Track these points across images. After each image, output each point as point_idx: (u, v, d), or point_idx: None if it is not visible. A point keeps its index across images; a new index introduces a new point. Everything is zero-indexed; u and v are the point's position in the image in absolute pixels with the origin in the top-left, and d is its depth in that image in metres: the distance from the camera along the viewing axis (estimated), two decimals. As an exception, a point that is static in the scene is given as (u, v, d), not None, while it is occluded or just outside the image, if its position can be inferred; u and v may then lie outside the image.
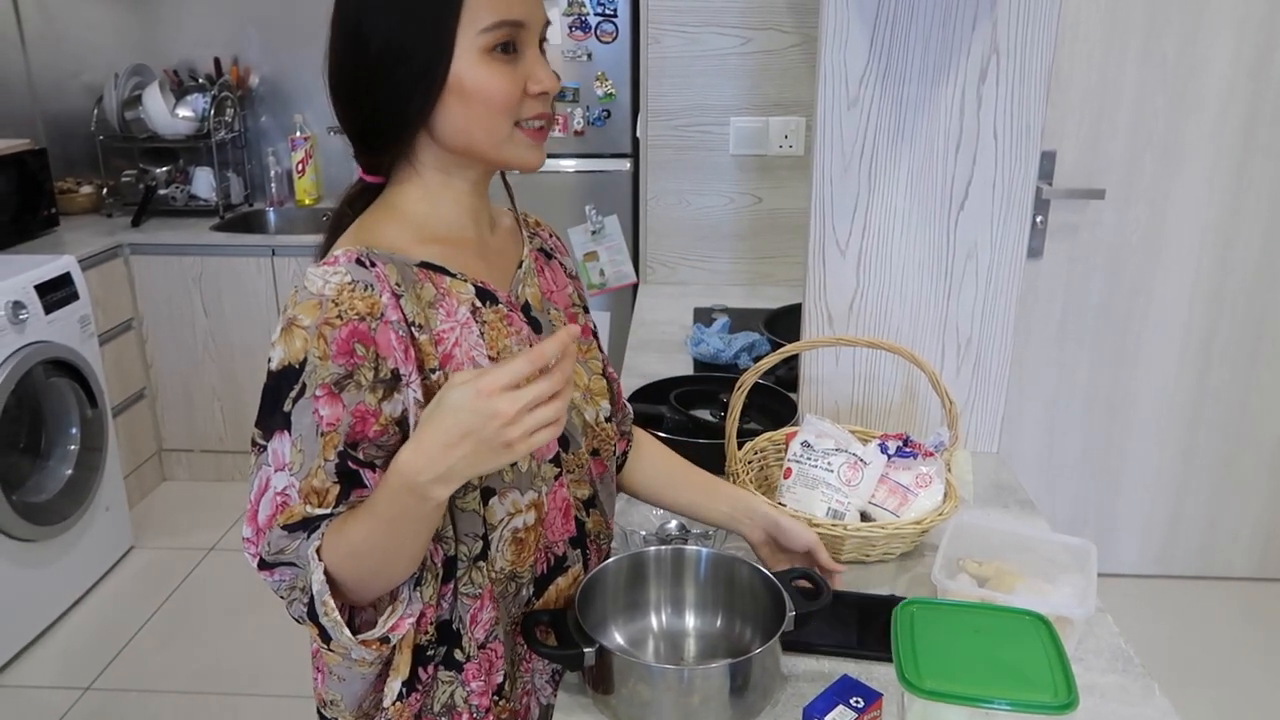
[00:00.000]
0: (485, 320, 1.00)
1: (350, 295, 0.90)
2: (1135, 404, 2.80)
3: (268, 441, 0.92)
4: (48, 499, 2.78)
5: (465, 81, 0.93)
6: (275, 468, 0.91)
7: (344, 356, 0.90)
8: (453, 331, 0.97)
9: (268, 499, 0.92)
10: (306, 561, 0.91)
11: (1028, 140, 1.53)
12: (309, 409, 0.90)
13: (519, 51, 0.95)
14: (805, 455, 1.41)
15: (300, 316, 0.90)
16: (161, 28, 3.73)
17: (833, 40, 1.50)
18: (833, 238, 1.59)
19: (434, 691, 1.03)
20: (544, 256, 1.16)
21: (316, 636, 0.93)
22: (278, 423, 0.91)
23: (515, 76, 0.95)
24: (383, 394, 0.92)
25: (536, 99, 0.97)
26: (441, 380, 0.94)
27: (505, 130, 0.97)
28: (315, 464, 0.90)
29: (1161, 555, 2.95)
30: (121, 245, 3.36)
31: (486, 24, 0.92)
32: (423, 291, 0.96)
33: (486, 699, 1.04)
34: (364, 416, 0.91)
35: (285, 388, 0.90)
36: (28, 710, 2.51)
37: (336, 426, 0.90)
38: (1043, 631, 0.99)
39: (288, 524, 0.91)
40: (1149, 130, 2.57)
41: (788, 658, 1.13)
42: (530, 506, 1.03)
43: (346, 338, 0.90)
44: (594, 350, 1.18)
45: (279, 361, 0.91)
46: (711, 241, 2.76)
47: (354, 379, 0.90)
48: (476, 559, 1.00)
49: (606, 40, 3.11)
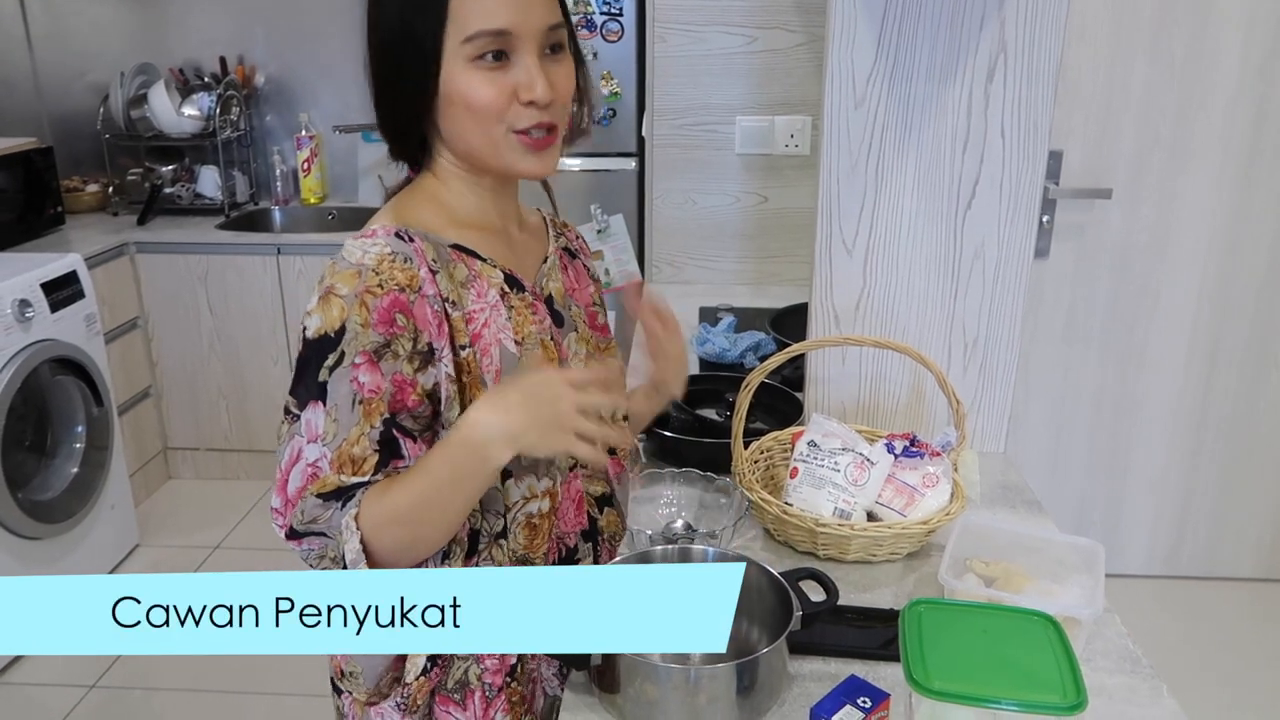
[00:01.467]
0: (512, 305, 1.03)
1: (390, 266, 0.93)
2: (1142, 404, 2.79)
3: (301, 411, 0.93)
4: (53, 497, 2.79)
5: (451, 89, 0.96)
6: (308, 439, 0.92)
7: (385, 325, 0.92)
8: (483, 312, 1.00)
9: (299, 470, 0.92)
10: (339, 531, 0.92)
11: (1035, 140, 1.52)
12: (346, 377, 0.91)
13: (510, 59, 0.96)
14: (812, 455, 1.40)
15: (338, 285, 0.92)
16: (167, 26, 3.74)
17: (839, 39, 1.50)
18: (839, 237, 1.59)
19: (450, 669, 1.04)
20: (568, 255, 1.19)
21: None
22: (313, 393, 0.92)
23: (502, 84, 0.96)
24: (418, 365, 0.94)
25: (529, 107, 0.97)
26: (471, 357, 0.97)
27: (498, 137, 0.98)
28: (355, 433, 0.91)
29: (1169, 556, 2.94)
30: (127, 244, 3.37)
31: (469, 33, 0.94)
32: (455, 271, 0.99)
33: (499, 678, 1.05)
34: (402, 386, 0.93)
35: (322, 356, 0.92)
36: (32, 708, 2.51)
37: (379, 394, 0.92)
38: (1051, 632, 0.99)
39: (321, 492, 0.92)
40: (1157, 130, 2.56)
41: (794, 658, 1.13)
42: (545, 494, 1.06)
43: (388, 307, 0.92)
44: (612, 349, 1.20)
45: (315, 330, 0.92)
46: (717, 241, 2.75)
47: (392, 348, 0.92)
48: (497, 537, 1.02)
49: (612, 39, 3.11)
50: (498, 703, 1.05)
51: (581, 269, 1.20)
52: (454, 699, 1.05)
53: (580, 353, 1.12)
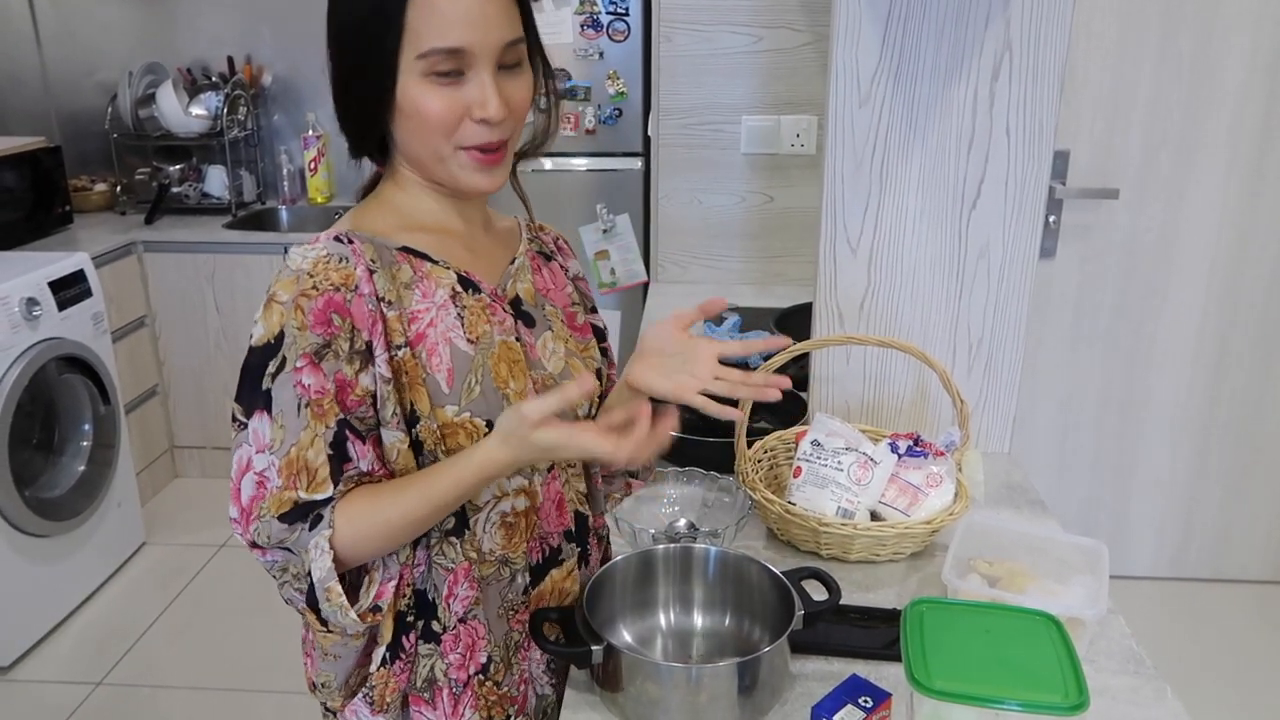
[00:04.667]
0: (465, 305, 1.03)
1: (325, 267, 0.94)
2: (1148, 405, 2.78)
3: (248, 420, 0.94)
4: (60, 495, 2.80)
5: (404, 100, 0.96)
6: (256, 449, 0.93)
7: (322, 326, 0.93)
8: (428, 312, 1.00)
9: (249, 480, 0.93)
10: (306, 550, 0.92)
11: (1041, 139, 1.52)
12: (289, 382, 0.92)
13: (465, 75, 0.96)
14: (815, 454, 1.40)
15: (279, 292, 0.94)
16: (175, 26, 3.75)
17: (844, 38, 1.49)
18: (844, 236, 1.59)
19: (416, 665, 1.04)
20: (542, 258, 1.18)
21: (314, 621, 0.95)
22: (258, 401, 0.93)
23: (454, 101, 0.96)
24: (359, 365, 0.94)
25: (480, 124, 0.97)
26: (409, 357, 0.97)
27: (445, 151, 0.98)
28: (306, 436, 0.92)
29: (1174, 558, 2.93)
30: (135, 243, 3.38)
31: (423, 50, 0.94)
32: (399, 272, 0.99)
33: (464, 673, 1.05)
34: (343, 386, 0.94)
35: (264, 363, 0.93)
36: (40, 705, 2.52)
37: (326, 394, 0.93)
38: (1054, 632, 0.99)
39: (281, 514, 0.92)
40: (1164, 129, 2.55)
41: (796, 657, 1.13)
42: (519, 492, 1.05)
43: (323, 308, 0.93)
44: (591, 349, 1.19)
45: (259, 337, 0.94)
46: (722, 240, 2.75)
47: (332, 348, 0.93)
48: (449, 533, 1.02)
49: (618, 39, 3.11)
50: (465, 698, 1.05)
51: (558, 269, 1.19)
52: (424, 698, 1.05)
53: (558, 351, 1.11)
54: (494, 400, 1.01)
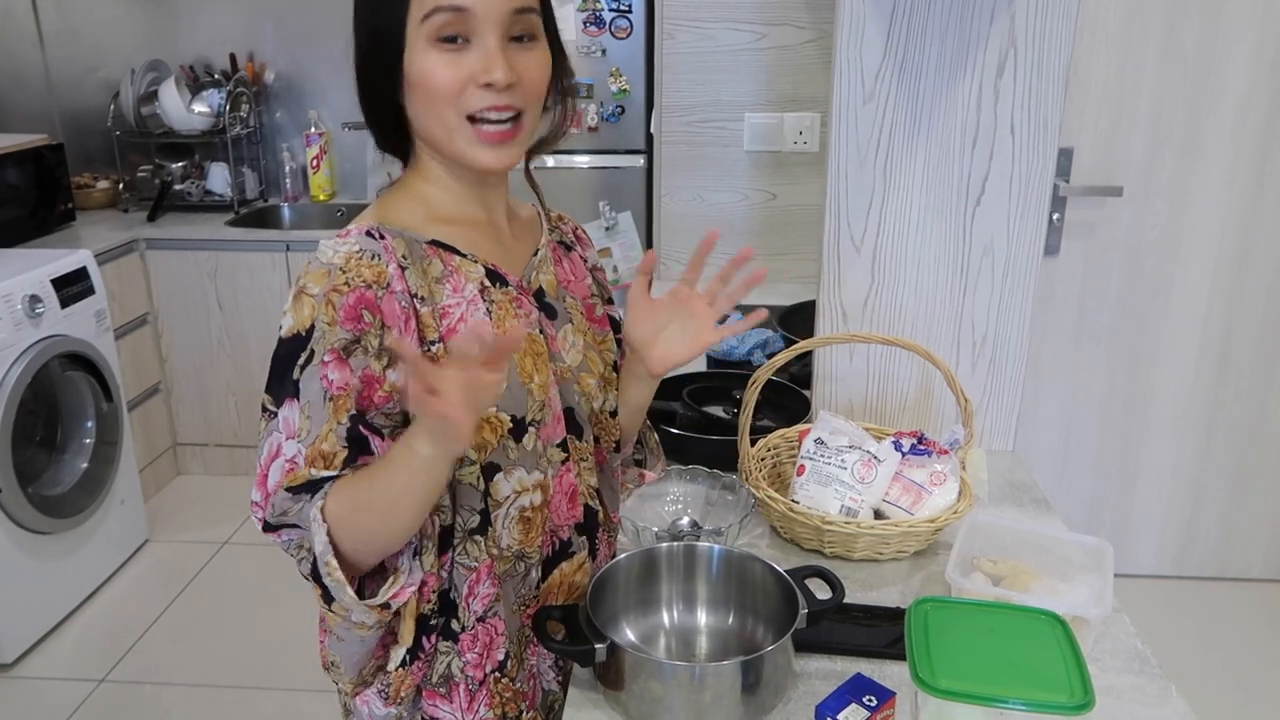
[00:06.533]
0: (493, 300, 1.02)
1: (358, 264, 0.94)
2: (1152, 403, 2.77)
3: (278, 409, 0.94)
4: (63, 492, 2.80)
5: (411, 71, 0.96)
6: (286, 435, 0.93)
7: (351, 322, 0.92)
8: (459, 307, 0.99)
9: (278, 465, 0.94)
10: (309, 523, 0.93)
11: (1045, 136, 1.51)
12: (316, 375, 0.92)
13: (470, 41, 0.95)
14: (819, 452, 1.40)
15: (310, 285, 0.93)
16: (178, 24, 3.74)
17: (848, 35, 1.49)
18: (848, 234, 1.58)
19: (434, 662, 1.04)
20: (563, 248, 1.18)
21: (319, 596, 0.95)
22: (287, 390, 0.93)
23: (459, 66, 0.95)
24: (387, 361, 0.94)
25: (485, 89, 0.95)
26: (441, 353, 0.96)
27: (452, 123, 0.97)
28: (324, 429, 0.92)
29: (1179, 556, 2.92)
30: (137, 240, 3.38)
31: (426, 10, 0.93)
32: (430, 267, 0.99)
33: (481, 671, 1.05)
34: (370, 382, 0.94)
35: (294, 354, 0.93)
36: (42, 702, 2.52)
37: (347, 391, 0.93)
38: (1058, 631, 0.98)
39: (292, 486, 0.93)
40: (1168, 126, 2.54)
41: (800, 656, 1.13)
42: (536, 487, 1.05)
43: (354, 304, 0.92)
44: (609, 341, 1.18)
45: (288, 329, 0.94)
46: (726, 238, 2.71)
47: (361, 344, 0.93)
48: (473, 532, 1.02)
49: (621, 36, 3.10)
50: (481, 695, 1.05)
51: (578, 260, 1.19)
52: (440, 692, 1.05)
53: (577, 344, 1.11)
54: (519, 394, 1.01)
